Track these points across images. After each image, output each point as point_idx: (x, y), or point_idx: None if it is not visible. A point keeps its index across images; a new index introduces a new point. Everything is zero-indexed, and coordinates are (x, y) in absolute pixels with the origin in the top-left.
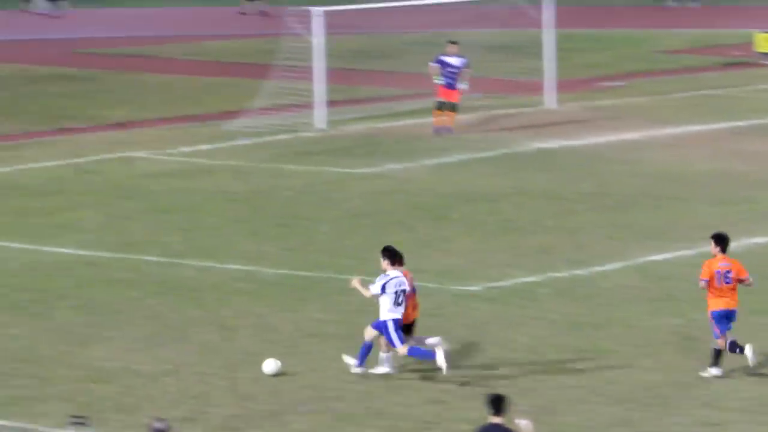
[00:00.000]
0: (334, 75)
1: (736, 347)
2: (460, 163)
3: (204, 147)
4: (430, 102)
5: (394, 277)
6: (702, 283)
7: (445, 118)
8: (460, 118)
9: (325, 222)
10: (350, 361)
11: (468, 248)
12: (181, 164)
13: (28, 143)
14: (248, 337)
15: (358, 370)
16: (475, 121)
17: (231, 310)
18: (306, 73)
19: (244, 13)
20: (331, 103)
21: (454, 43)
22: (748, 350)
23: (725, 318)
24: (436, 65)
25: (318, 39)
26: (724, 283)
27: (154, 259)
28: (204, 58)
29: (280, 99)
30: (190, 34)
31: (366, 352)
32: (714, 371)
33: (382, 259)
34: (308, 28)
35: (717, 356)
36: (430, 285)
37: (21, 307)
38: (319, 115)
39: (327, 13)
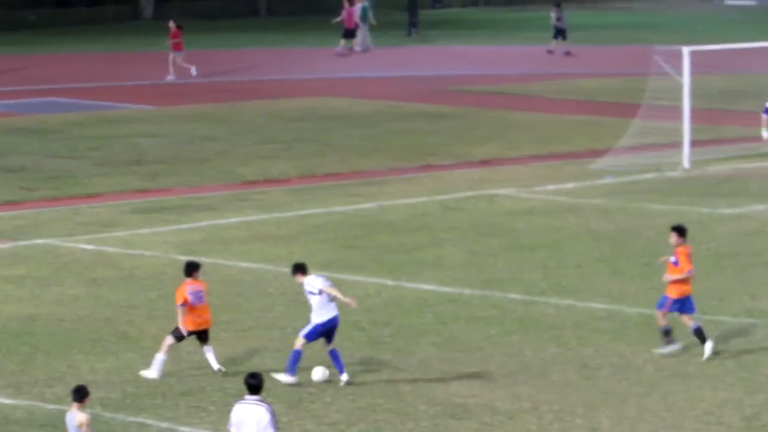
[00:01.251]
0: (699, 114)
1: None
2: None
3: (569, 185)
4: None
5: (313, 280)
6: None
7: None
8: None
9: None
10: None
11: None
12: (546, 202)
13: (393, 179)
14: (608, 376)
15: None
16: None
17: (591, 348)
18: (671, 112)
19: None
20: (697, 142)
21: None
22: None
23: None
24: (765, 115)
25: (686, 78)
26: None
27: (516, 296)
28: (569, 96)
29: (645, 138)
30: (551, 72)
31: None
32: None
33: (297, 276)
34: (676, 67)
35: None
36: None
37: (382, 342)
38: (685, 155)
39: (694, 53)
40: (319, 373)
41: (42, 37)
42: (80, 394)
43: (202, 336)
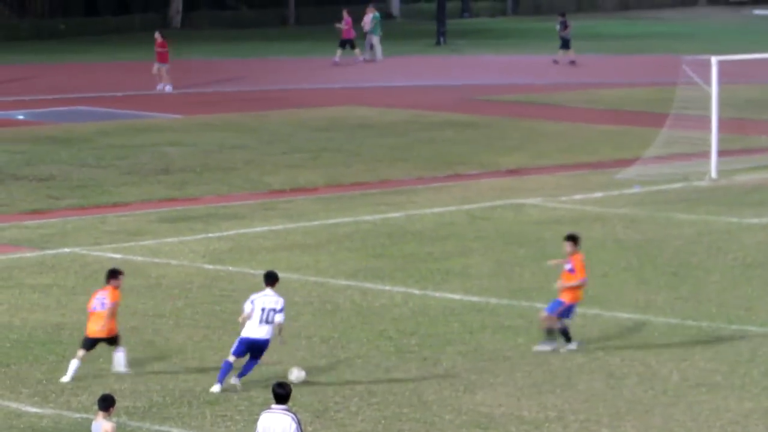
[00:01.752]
0: (727, 124)
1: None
2: None
3: (596, 195)
4: None
5: (262, 295)
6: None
7: None
8: None
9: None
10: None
11: None
12: (573, 212)
13: (421, 188)
14: (634, 385)
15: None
16: None
17: (618, 358)
18: (699, 121)
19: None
20: (725, 152)
21: None
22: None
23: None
24: None
25: (714, 87)
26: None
27: (543, 305)
28: (597, 105)
29: (673, 148)
30: (579, 82)
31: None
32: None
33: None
34: (705, 76)
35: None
36: None
37: (409, 352)
38: (713, 165)
39: (723, 63)
40: (294, 373)
41: (71, 46)
42: (106, 403)
43: (110, 342)
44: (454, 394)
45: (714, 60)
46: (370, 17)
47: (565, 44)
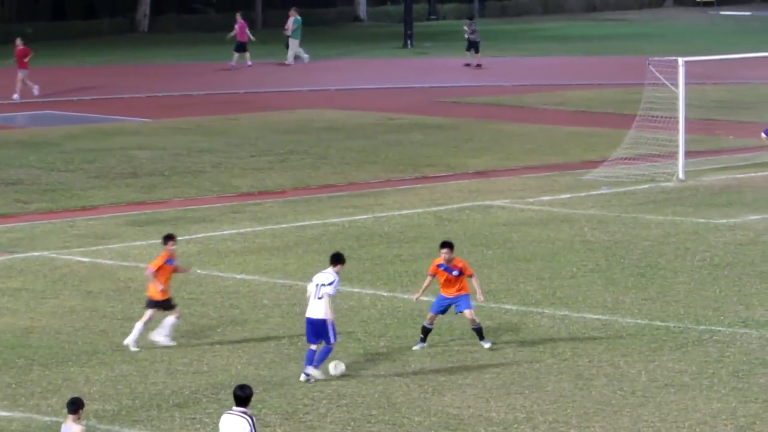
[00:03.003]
0: (694, 125)
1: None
2: None
3: (564, 196)
4: None
5: (320, 273)
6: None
7: None
8: None
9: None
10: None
11: None
12: (541, 213)
13: (389, 191)
14: (603, 386)
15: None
16: None
17: (586, 359)
18: (667, 122)
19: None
20: (692, 153)
21: None
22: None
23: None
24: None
25: (681, 88)
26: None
27: (511, 307)
28: (564, 107)
29: (640, 149)
30: (547, 84)
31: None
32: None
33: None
34: (672, 77)
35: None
36: None
37: (378, 353)
38: (680, 165)
39: (689, 63)
40: (332, 367)
41: (38, 50)
42: (75, 406)
43: (163, 306)
44: (423, 395)
45: (681, 61)
46: (291, 21)
47: (473, 46)
